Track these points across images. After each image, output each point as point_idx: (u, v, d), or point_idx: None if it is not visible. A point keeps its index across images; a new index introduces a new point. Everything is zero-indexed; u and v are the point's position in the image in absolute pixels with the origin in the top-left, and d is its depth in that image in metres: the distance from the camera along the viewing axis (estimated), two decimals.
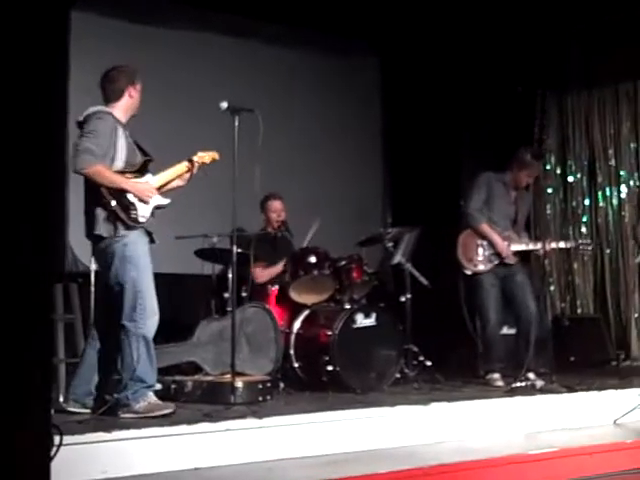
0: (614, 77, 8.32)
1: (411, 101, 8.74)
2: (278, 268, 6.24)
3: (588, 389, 5.62)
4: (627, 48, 8.05)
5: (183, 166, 4.67)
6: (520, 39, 8.33)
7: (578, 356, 7.56)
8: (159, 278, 6.77)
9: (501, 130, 8.02)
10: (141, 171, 4.48)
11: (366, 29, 8.37)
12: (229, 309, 5.58)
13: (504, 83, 8.56)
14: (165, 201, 4.56)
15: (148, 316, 4.39)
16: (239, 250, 5.49)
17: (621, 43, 8.10)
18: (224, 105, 4.70)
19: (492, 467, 3.98)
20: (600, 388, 5.70)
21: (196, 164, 4.68)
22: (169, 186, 4.66)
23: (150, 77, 7.29)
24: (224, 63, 7.94)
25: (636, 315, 8.14)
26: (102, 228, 4.36)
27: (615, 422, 5.30)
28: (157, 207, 4.52)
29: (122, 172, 4.42)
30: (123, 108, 4.54)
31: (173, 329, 6.08)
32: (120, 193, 4.35)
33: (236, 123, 4.69)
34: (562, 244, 6.52)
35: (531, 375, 5.91)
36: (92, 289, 5.43)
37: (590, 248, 6.76)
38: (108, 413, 4.38)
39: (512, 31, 8.24)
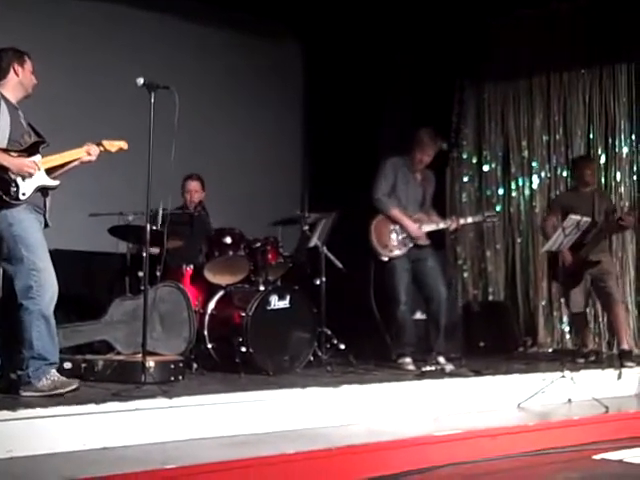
0: (529, 70, 8.53)
1: (332, 86, 8.79)
2: None
3: (494, 373, 5.78)
4: (541, 41, 8.26)
5: (81, 151, 4.57)
6: (440, 30, 8.46)
7: (487, 341, 7.76)
8: (73, 255, 6.74)
9: (420, 119, 8.11)
10: (29, 152, 4.38)
11: (289, 12, 8.36)
12: (143, 288, 5.52)
13: (424, 72, 8.68)
14: (53, 183, 4.46)
15: (45, 292, 4.32)
16: (154, 228, 5.45)
17: (536, 37, 8.30)
18: (140, 81, 4.62)
19: (398, 448, 4.05)
20: (506, 373, 5.86)
21: (98, 149, 4.61)
22: (68, 167, 4.57)
23: (62, 54, 7.23)
24: (139, 39, 7.80)
25: (544, 303, 8.40)
26: None
27: (519, 405, 5.47)
28: (43, 187, 4.41)
29: (5, 150, 4.30)
30: (10, 86, 4.45)
31: (86, 307, 6.01)
32: None
33: (152, 100, 4.62)
34: (470, 219, 6.66)
35: (441, 359, 6.05)
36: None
37: (496, 220, 6.99)
38: (11, 391, 4.31)
39: (432, 22, 8.35)
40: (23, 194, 4.32)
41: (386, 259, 6.20)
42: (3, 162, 4.26)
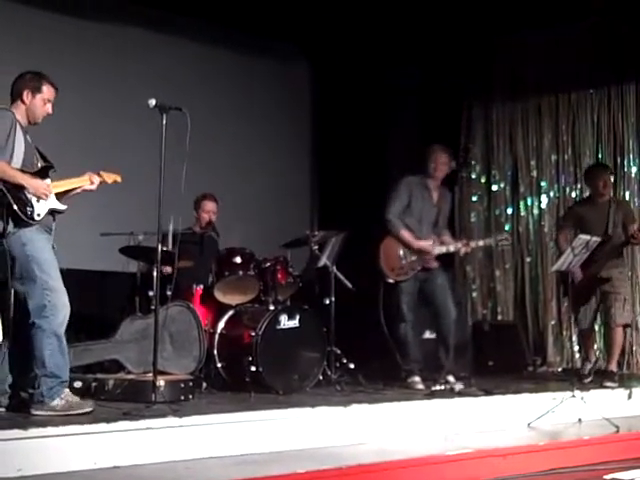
0: (537, 90, 8.56)
1: (340, 105, 8.83)
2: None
3: (504, 393, 5.76)
4: (549, 62, 8.29)
5: (85, 179, 4.68)
6: (447, 49, 8.50)
7: (496, 361, 7.74)
8: (84, 274, 6.77)
9: (428, 139, 8.15)
10: (40, 175, 4.44)
11: (298, 34, 8.42)
12: (153, 307, 5.54)
13: (431, 92, 8.72)
14: (62, 207, 4.54)
15: (58, 311, 4.36)
16: (164, 248, 5.47)
17: (543, 57, 8.33)
18: (152, 102, 4.65)
19: (409, 467, 4.04)
20: (516, 392, 5.85)
21: (98, 179, 4.71)
22: (72, 193, 4.67)
23: (74, 74, 7.28)
24: (152, 61, 7.86)
25: (553, 322, 8.37)
26: None
27: (529, 425, 5.45)
28: (53, 210, 4.48)
29: (22, 170, 4.37)
30: (20, 112, 4.50)
31: (97, 326, 6.02)
32: (17, 188, 4.31)
33: (164, 121, 4.66)
34: (481, 242, 6.66)
35: (451, 378, 6.04)
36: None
37: (509, 243, 6.91)
38: (22, 410, 4.32)
39: (439, 41, 8.39)
40: (38, 215, 4.39)
41: (392, 281, 6.20)
42: (22, 181, 4.33)
